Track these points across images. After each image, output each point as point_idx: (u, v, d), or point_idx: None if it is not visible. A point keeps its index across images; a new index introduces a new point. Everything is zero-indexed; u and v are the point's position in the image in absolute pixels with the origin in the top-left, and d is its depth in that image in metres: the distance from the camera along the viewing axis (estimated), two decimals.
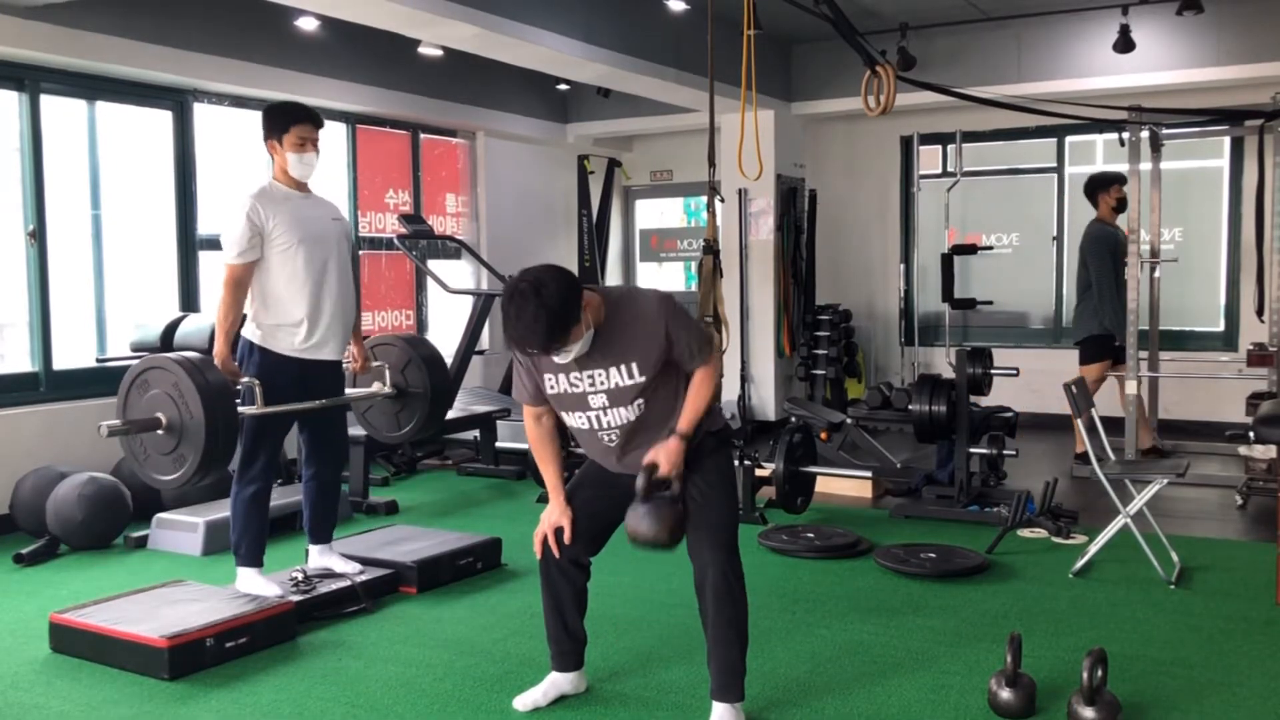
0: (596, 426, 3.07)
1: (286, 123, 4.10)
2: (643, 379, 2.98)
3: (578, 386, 3.02)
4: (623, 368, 2.98)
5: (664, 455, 2.97)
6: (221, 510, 4.94)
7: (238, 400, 3.95)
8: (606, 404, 3.02)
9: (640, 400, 3.01)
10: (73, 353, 6.05)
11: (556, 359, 2.93)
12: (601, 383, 3.00)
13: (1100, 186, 6.90)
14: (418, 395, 4.58)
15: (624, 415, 3.03)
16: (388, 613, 4.23)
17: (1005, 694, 3.19)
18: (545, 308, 2.75)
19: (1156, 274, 7.20)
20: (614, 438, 3.08)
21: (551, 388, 3.07)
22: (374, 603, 4.27)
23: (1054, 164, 9.00)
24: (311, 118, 4.16)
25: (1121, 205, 6.81)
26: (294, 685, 3.51)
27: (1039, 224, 9.08)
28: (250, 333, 4.11)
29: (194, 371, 3.70)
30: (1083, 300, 6.91)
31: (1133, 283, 6.37)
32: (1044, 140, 8.98)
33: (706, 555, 3.04)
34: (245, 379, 3.98)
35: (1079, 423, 5.05)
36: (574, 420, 3.11)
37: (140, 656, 3.59)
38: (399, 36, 6.36)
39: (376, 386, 4.53)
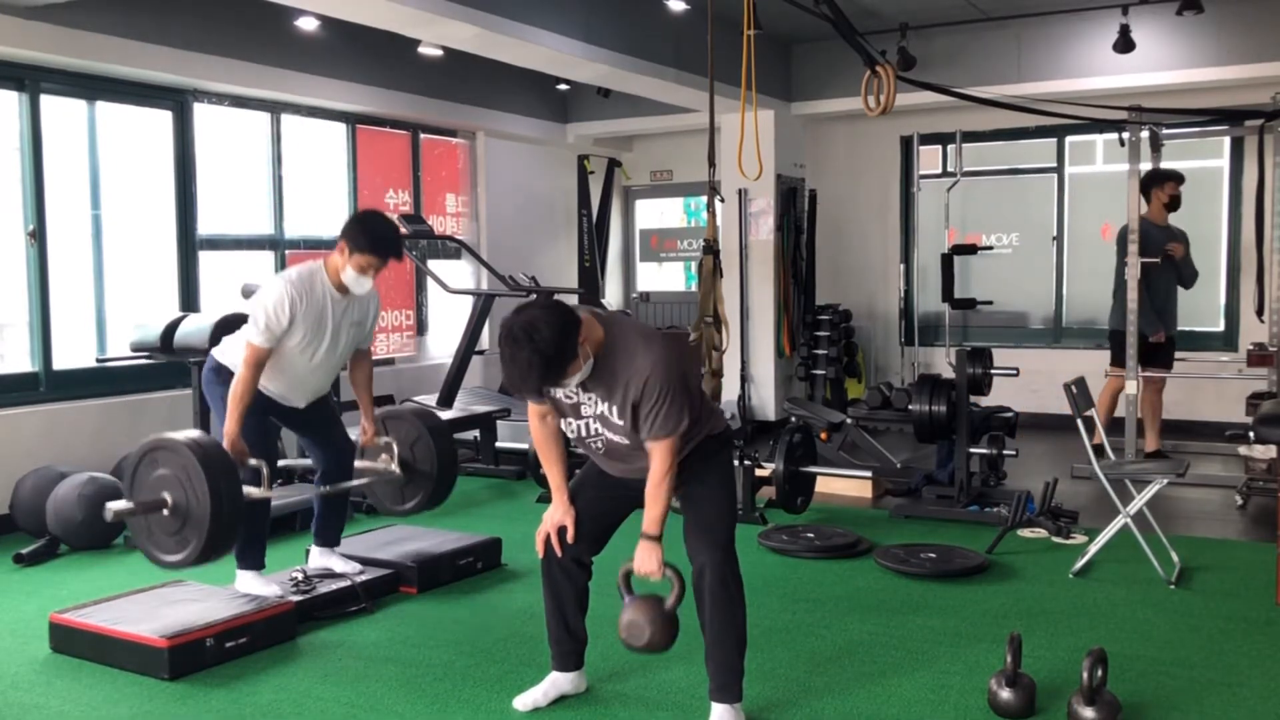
0: (585, 434, 3.09)
1: (361, 245, 3.91)
2: (623, 423, 2.99)
3: (573, 399, 3.03)
4: (611, 406, 2.98)
5: (637, 558, 3.02)
6: None
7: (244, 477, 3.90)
8: (599, 428, 3.04)
9: (626, 429, 3.01)
10: (73, 353, 6.04)
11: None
12: (593, 405, 3.01)
13: (1154, 183, 6.88)
14: (425, 473, 4.54)
15: (611, 438, 3.05)
16: (388, 613, 4.23)
17: (1005, 694, 3.19)
18: (538, 353, 2.74)
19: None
20: (600, 447, 3.10)
21: (553, 390, 3.07)
22: (374, 603, 4.27)
23: (1054, 164, 9.00)
24: (385, 252, 3.96)
25: (1174, 203, 6.81)
26: (294, 685, 3.51)
27: (1039, 224, 9.08)
28: (228, 360, 4.07)
29: (201, 455, 3.64)
30: (1117, 297, 6.89)
31: (1132, 282, 6.37)
32: (1044, 140, 8.98)
33: (704, 556, 3.04)
34: (253, 460, 3.92)
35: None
36: (567, 427, 3.13)
37: (140, 656, 3.59)
38: (399, 36, 6.36)
39: (384, 460, 4.48)
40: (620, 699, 3.35)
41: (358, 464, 4.50)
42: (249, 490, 3.86)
